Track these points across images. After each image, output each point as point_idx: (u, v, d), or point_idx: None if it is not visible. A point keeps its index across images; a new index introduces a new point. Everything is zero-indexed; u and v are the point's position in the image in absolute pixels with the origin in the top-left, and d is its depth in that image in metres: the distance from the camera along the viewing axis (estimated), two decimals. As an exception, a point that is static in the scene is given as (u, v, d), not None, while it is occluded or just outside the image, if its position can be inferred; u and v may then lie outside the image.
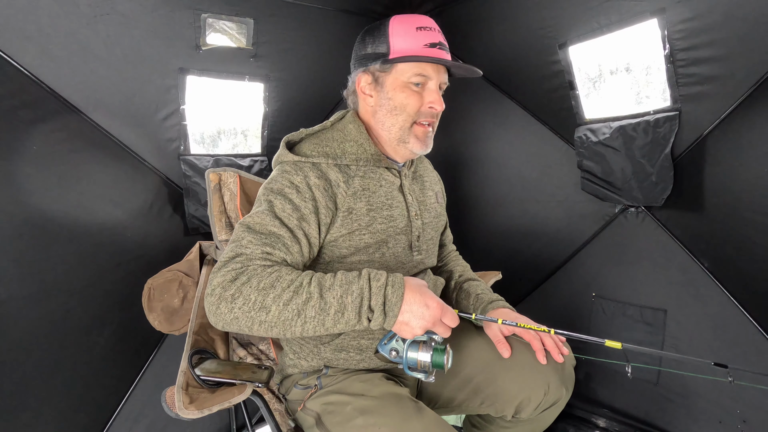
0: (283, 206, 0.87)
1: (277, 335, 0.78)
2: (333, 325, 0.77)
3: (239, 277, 0.77)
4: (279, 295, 0.75)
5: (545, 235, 1.81)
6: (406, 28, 0.95)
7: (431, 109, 0.97)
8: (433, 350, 0.84)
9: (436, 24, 0.99)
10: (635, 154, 1.39)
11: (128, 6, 1.21)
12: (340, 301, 0.76)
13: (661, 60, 1.27)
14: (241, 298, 0.75)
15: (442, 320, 0.81)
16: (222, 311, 0.76)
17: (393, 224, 0.98)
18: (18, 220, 1.12)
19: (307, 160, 0.94)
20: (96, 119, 1.27)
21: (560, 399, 0.99)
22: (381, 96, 0.98)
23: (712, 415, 1.45)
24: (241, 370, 0.95)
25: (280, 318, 0.75)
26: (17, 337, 1.13)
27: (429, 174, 1.18)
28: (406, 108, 0.96)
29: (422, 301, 0.79)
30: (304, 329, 0.76)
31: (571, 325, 1.73)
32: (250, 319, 0.75)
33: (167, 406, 0.81)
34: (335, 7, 1.56)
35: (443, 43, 0.97)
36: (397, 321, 0.78)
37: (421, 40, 0.94)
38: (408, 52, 0.94)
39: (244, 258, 0.80)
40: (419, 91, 0.96)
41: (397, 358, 0.87)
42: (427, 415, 0.84)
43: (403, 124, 0.98)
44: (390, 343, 0.88)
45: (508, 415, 0.99)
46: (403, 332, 0.80)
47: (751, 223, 1.26)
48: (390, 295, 0.78)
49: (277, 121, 1.65)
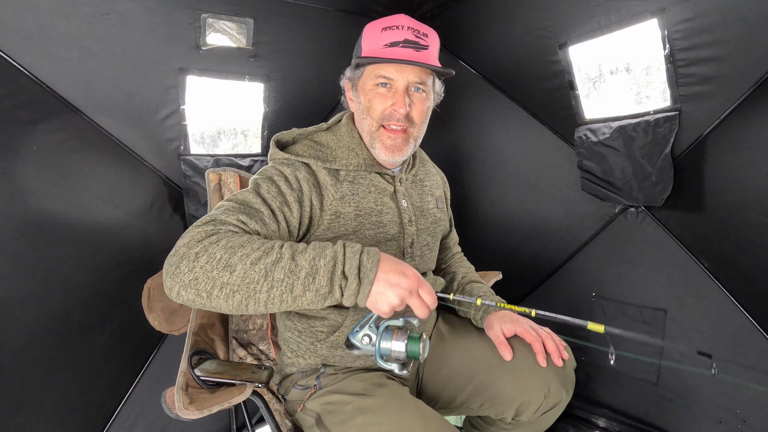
0: (269, 188, 0.87)
1: (237, 306, 0.70)
2: (302, 292, 0.70)
3: (208, 237, 0.72)
4: (247, 254, 0.70)
5: (545, 235, 1.81)
6: (373, 29, 0.94)
7: (393, 112, 0.94)
8: (408, 338, 0.78)
9: (411, 21, 0.95)
10: (635, 154, 1.39)
11: (128, 6, 1.21)
12: (312, 264, 0.71)
13: (661, 60, 1.27)
14: (206, 256, 0.69)
15: (419, 292, 0.76)
16: (181, 271, 0.69)
17: (382, 230, 0.97)
18: (18, 220, 1.12)
19: (298, 159, 0.94)
20: (96, 119, 1.27)
21: (560, 402, 0.99)
22: (357, 100, 0.98)
23: (712, 415, 1.45)
24: (241, 370, 0.95)
25: (245, 279, 0.68)
26: (17, 337, 1.12)
27: (431, 178, 1.16)
28: (370, 110, 0.95)
29: (398, 269, 0.74)
30: (270, 296, 0.69)
31: (571, 324, 1.73)
32: (210, 281, 0.68)
33: (167, 407, 0.81)
34: (335, 7, 1.56)
35: (410, 40, 0.92)
36: (372, 291, 0.72)
37: (382, 40, 0.92)
38: (367, 54, 0.93)
39: (218, 222, 0.76)
40: (385, 93, 0.94)
41: (368, 346, 0.79)
42: (427, 413, 0.84)
43: (370, 127, 0.96)
44: (362, 329, 0.80)
45: (508, 417, 0.99)
46: (379, 304, 0.73)
47: (751, 223, 1.26)
48: (365, 261, 0.73)
49: (277, 121, 1.65)
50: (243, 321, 1.21)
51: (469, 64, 1.79)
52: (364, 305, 0.74)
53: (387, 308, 0.73)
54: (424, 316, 0.77)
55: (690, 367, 0.83)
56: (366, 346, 0.80)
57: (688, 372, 1.49)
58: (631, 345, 1.60)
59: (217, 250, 0.70)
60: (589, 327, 0.79)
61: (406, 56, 0.91)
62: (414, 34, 0.93)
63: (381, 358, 0.79)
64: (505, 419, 1.00)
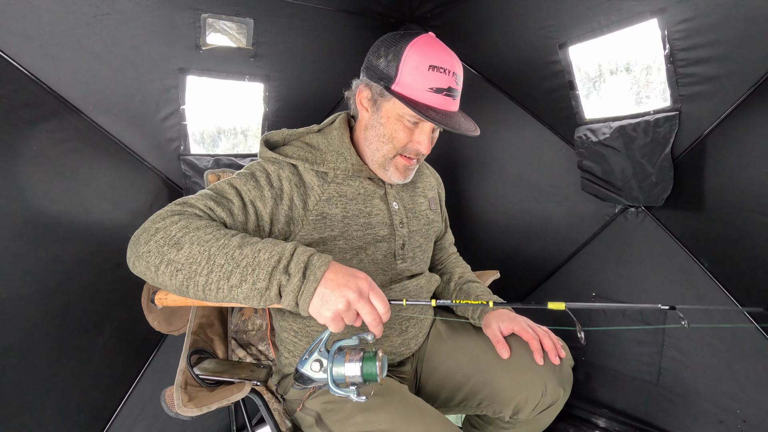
0: (246, 182, 0.87)
1: (179, 286, 0.69)
2: (238, 282, 0.67)
3: (172, 216, 0.75)
4: (199, 236, 0.70)
5: (545, 235, 1.81)
6: (419, 61, 0.88)
7: (417, 148, 0.95)
8: (363, 358, 0.69)
9: (455, 61, 0.92)
10: (635, 154, 1.39)
11: (128, 6, 1.21)
12: (255, 256, 0.68)
13: (661, 60, 1.27)
14: (162, 232, 0.72)
15: (369, 296, 0.69)
16: (140, 242, 0.72)
17: (371, 232, 0.97)
18: (18, 220, 1.12)
19: (285, 159, 0.93)
20: (96, 119, 1.27)
21: (558, 400, 0.99)
22: (374, 118, 0.96)
23: (712, 415, 1.45)
24: (240, 369, 0.95)
25: (188, 259, 0.68)
26: (17, 337, 1.13)
27: (424, 180, 1.16)
28: (393, 140, 0.94)
29: (348, 271, 0.70)
30: (208, 281, 0.68)
31: (571, 325, 1.73)
32: (160, 255, 0.69)
33: (167, 406, 0.81)
34: (335, 7, 1.56)
35: (453, 89, 0.91)
36: (317, 291, 0.67)
37: (428, 82, 0.88)
38: (410, 93, 0.89)
39: (187, 204, 0.79)
40: (412, 128, 0.93)
41: (319, 374, 0.70)
42: (427, 411, 0.84)
43: (387, 153, 0.95)
44: (312, 355, 0.71)
45: (506, 416, 0.99)
46: (322, 309, 0.67)
47: (751, 223, 1.26)
48: (315, 260, 0.69)
49: (277, 121, 1.65)
50: (242, 321, 1.21)
51: (469, 64, 1.79)
52: (306, 311, 0.68)
53: (331, 314, 0.67)
54: (376, 329, 0.70)
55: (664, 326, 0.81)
56: (317, 374, 0.70)
57: (688, 372, 1.50)
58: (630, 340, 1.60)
59: (174, 229, 0.72)
60: (550, 306, 0.74)
61: (445, 107, 0.90)
62: (455, 80, 0.91)
63: (335, 385, 0.70)
64: (503, 417, 1.01)
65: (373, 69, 0.93)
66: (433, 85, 0.88)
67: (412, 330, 1.05)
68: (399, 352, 1.03)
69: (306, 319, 0.98)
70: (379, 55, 0.92)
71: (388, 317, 0.70)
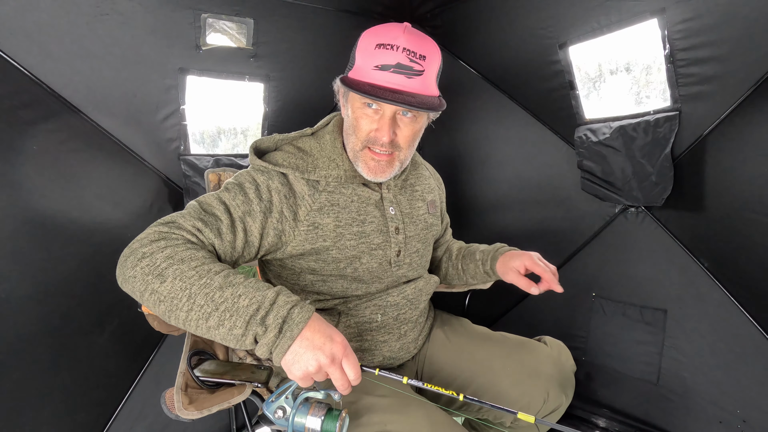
0: (235, 196, 0.85)
1: (163, 315, 0.70)
2: (216, 325, 0.67)
3: (160, 240, 0.73)
4: (182, 271, 0.69)
5: (545, 235, 1.81)
6: (368, 42, 0.86)
7: (378, 137, 0.88)
8: (326, 414, 0.71)
9: (409, 38, 0.85)
10: (635, 154, 1.39)
11: (128, 6, 1.21)
12: (235, 301, 0.67)
13: (661, 60, 1.27)
14: (148, 259, 0.71)
15: (342, 362, 0.69)
16: (126, 265, 0.72)
17: (365, 240, 0.94)
18: (18, 220, 1.12)
19: (275, 168, 0.90)
20: (96, 119, 1.27)
21: (560, 406, 0.99)
22: (346, 110, 0.93)
23: (712, 415, 1.45)
24: (241, 370, 0.95)
25: (170, 293, 0.68)
26: (17, 337, 1.12)
27: (423, 182, 1.11)
28: (356, 130, 0.90)
29: (327, 332, 0.69)
30: (188, 318, 0.68)
31: (571, 325, 1.74)
32: (144, 284, 0.70)
33: (167, 408, 0.81)
34: (335, 7, 1.56)
35: (403, 65, 0.83)
36: (291, 349, 0.66)
37: (373, 60, 0.84)
38: (358, 76, 0.85)
39: (175, 226, 0.77)
40: (372, 115, 0.87)
41: (281, 420, 0.72)
42: (433, 411, 0.84)
43: (354, 146, 0.92)
44: (278, 400, 0.73)
45: (507, 421, 0.99)
46: (293, 367, 0.67)
47: (751, 223, 1.26)
48: (295, 314, 0.68)
49: (277, 121, 1.65)
50: (243, 321, 1.21)
51: (469, 64, 1.79)
52: (278, 363, 0.67)
53: (300, 374, 0.67)
54: (344, 392, 0.70)
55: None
56: (279, 420, 0.72)
57: (688, 372, 1.49)
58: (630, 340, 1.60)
59: (159, 257, 0.71)
60: (519, 416, 0.73)
61: (395, 85, 0.83)
62: (409, 57, 0.83)
63: None
64: (505, 423, 1.00)
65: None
66: (378, 63, 0.83)
67: (411, 334, 1.04)
68: (398, 356, 1.02)
69: None
70: (352, 52, 0.91)
71: (357, 383, 0.70)
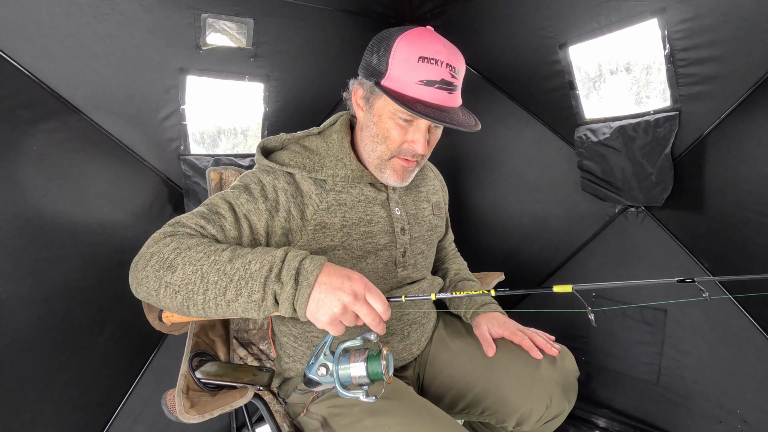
0: (239, 195, 0.85)
1: (180, 307, 0.69)
2: (234, 296, 0.66)
3: (165, 239, 0.74)
4: (191, 256, 0.69)
5: (545, 236, 1.81)
6: (408, 53, 0.82)
7: (412, 149, 0.88)
8: (368, 357, 0.69)
9: (449, 51, 0.84)
10: (635, 154, 1.39)
11: (128, 6, 1.20)
12: (247, 268, 0.67)
13: (661, 60, 1.27)
14: (157, 256, 0.71)
15: (366, 297, 0.68)
16: (137, 268, 0.73)
17: (371, 240, 0.94)
18: (18, 220, 1.12)
19: (281, 168, 0.90)
20: (96, 119, 1.27)
21: (563, 412, 0.98)
22: (368, 116, 0.91)
23: (712, 415, 1.45)
24: (242, 372, 0.94)
25: (184, 280, 0.68)
26: (17, 337, 1.12)
27: (428, 183, 1.11)
28: (386, 140, 0.88)
29: (343, 273, 0.68)
30: (206, 299, 0.68)
31: (571, 325, 1.74)
32: (157, 280, 0.69)
33: (167, 410, 0.80)
34: (335, 7, 1.56)
35: (448, 81, 0.83)
36: (312, 296, 0.66)
37: (417, 74, 0.81)
38: (399, 88, 0.83)
39: (179, 225, 0.78)
40: (405, 126, 0.87)
41: (327, 377, 0.70)
42: (437, 414, 0.83)
43: (382, 154, 0.90)
44: (318, 359, 0.71)
45: (510, 426, 0.98)
46: (319, 314, 0.66)
47: (751, 223, 1.26)
48: (307, 264, 0.67)
49: (277, 121, 1.65)
50: (243, 321, 1.21)
51: (469, 64, 1.79)
52: (304, 316, 0.67)
53: (327, 319, 0.66)
54: (377, 328, 0.69)
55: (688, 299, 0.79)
56: (324, 378, 0.70)
57: (688, 372, 1.50)
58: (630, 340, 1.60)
59: (167, 251, 0.71)
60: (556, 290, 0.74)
61: (439, 101, 0.83)
62: (451, 72, 0.83)
63: (342, 388, 0.69)
64: (507, 427, 1.00)
65: (366, 66, 0.89)
66: (423, 78, 0.81)
67: (414, 335, 1.04)
68: (401, 357, 1.02)
69: (305, 324, 0.97)
70: (372, 52, 0.88)
71: (388, 315, 0.69)
